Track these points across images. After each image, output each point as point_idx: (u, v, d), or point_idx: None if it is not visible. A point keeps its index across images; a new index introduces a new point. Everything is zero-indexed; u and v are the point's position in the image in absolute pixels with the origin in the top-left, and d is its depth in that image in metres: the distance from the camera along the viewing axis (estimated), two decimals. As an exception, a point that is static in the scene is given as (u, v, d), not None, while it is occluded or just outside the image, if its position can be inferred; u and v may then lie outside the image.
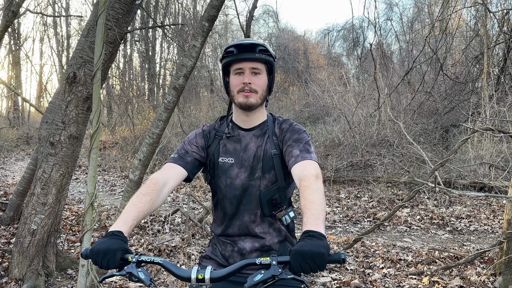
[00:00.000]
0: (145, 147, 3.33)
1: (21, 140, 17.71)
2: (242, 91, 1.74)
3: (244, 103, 1.75)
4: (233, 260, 1.81)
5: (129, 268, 1.35)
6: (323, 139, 11.60)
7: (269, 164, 1.78)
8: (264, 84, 1.78)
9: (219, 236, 1.88)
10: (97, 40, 2.90)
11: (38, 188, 3.76)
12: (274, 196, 1.77)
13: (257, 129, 1.83)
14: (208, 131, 1.89)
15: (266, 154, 1.79)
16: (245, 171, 1.79)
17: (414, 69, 11.86)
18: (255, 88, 1.74)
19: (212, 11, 3.19)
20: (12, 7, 4.56)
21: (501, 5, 12.35)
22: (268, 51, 1.76)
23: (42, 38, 25.12)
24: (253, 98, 1.75)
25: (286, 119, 1.87)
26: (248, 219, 1.80)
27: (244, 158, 1.80)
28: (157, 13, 18.66)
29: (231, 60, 1.74)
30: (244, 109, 1.78)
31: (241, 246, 1.81)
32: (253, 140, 1.82)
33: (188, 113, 16.93)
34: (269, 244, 1.81)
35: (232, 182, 1.79)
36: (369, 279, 4.16)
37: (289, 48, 22.44)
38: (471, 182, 8.01)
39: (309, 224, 1.34)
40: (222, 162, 1.81)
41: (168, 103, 3.27)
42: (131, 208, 1.55)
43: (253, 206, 1.79)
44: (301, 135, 1.76)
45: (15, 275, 3.79)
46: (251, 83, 1.73)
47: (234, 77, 1.76)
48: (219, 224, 1.87)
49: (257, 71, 1.75)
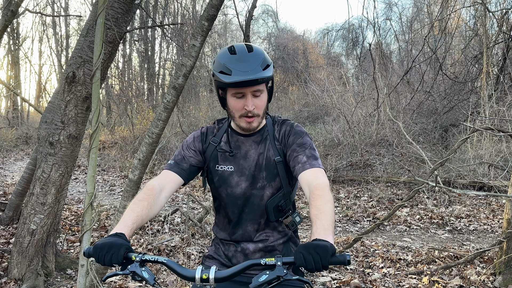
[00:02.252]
0: (145, 146, 3.32)
1: (20, 140, 17.69)
2: (244, 117, 1.66)
3: (247, 128, 1.70)
4: (236, 260, 1.80)
5: (133, 267, 1.35)
6: (323, 139, 11.61)
7: (273, 172, 1.73)
8: (265, 101, 1.69)
9: (221, 239, 1.86)
10: (96, 40, 2.90)
11: (37, 188, 3.75)
12: (280, 202, 1.74)
13: (257, 135, 1.77)
14: (206, 134, 1.83)
15: (269, 161, 1.73)
16: (246, 180, 1.74)
17: (413, 69, 11.87)
18: (257, 112, 1.66)
19: (211, 11, 3.18)
20: (11, 7, 4.56)
21: (500, 4, 12.36)
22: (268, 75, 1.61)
23: (41, 37, 25.10)
24: (255, 122, 1.68)
25: (285, 120, 1.80)
26: (252, 228, 1.78)
27: (245, 166, 1.74)
28: (156, 12, 18.64)
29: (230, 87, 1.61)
30: (246, 131, 1.73)
31: (244, 246, 1.80)
32: (253, 147, 1.76)
33: (187, 112, 16.91)
34: (272, 245, 1.79)
35: (232, 191, 1.75)
36: (368, 278, 4.16)
37: (288, 47, 22.44)
38: (470, 181, 8.01)
39: (318, 234, 1.33)
40: (221, 170, 1.76)
41: (168, 103, 3.26)
42: (129, 213, 1.54)
43: (256, 216, 1.76)
44: (305, 139, 1.70)
45: (14, 275, 3.79)
46: (254, 107, 1.64)
47: (233, 99, 1.64)
48: (222, 229, 1.86)
49: (258, 93, 1.64)
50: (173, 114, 10.63)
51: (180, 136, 12.90)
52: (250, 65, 1.57)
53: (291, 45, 22.86)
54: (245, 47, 1.63)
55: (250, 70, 1.56)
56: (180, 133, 12.56)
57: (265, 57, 1.62)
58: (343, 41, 24.30)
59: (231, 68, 1.56)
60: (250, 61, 1.58)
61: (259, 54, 1.61)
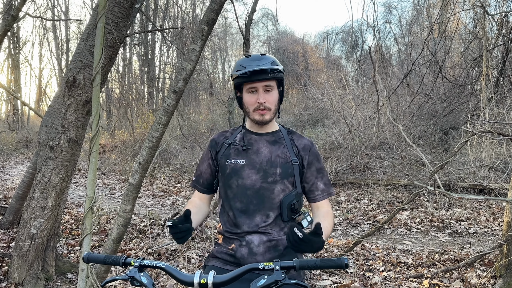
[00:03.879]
0: (145, 150, 3.33)
1: (21, 144, 17.69)
2: (258, 110, 1.88)
3: (260, 121, 1.90)
4: (241, 254, 1.84)
5: (131, 273, 1.35)
6: (323, 142, 11.60)
7: (288, 170, 1.89)
8: (276, 99, 1.91)
9: (226, 233, 1.91)
10: (97, 44, 2.91)
11: (38, 192, 3.75)
12: (293, 201, 1.87)
13: (270, 135, 1.96)
14: (217, 139, 2.03)
15: (286, 161, 1.90)
16: (256, 172, 1.88)
17: (413, 72, 11.88)
18: (269, 106, 1.88)
19: (211, 15, 3.19)
20: (12, 11, 4.57)
21: (500, 7, 12.38)
22: (278, 69, 1.84)
23: (41, 42, 25.21)
24: (268, 115, 1.89)
25: (301, 136, 2.02)
26: (260, 219, 1.86)
27: (256, 160, 1.90)
28: (157, 16, 18.70)
29: (245, 81, 1.85)
30: (260, 124, 1.93)
31: (249, 240, 1.85)
32: (265, 145, 1.94)
33: (187, 116, 16.94)
34: (276, 239, 1.85)
35: (243, 182, 1.88)
36: (369, 282, 4.15)
37: (288, 51, 22.50)
38: (470, 184, 8.01)
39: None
40: (234, 164, 1.91)
41: (168, 107, 3.26)
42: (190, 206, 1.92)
43: (265, 208, 1.86)
44: (322, 163, 1.97)
45: (14, 279, 3.78)
46: (266, 101, 1.86)
47: (248, 95, 1.88)
48: (228, 222, 1.93)
49: (269, 89, 1.87)
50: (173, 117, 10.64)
51: (180, 140, 12.92)
52: (263, 62, 1.83)
53: (291, 48, 22.92)
54: (260, 53, 1.91)
55: (262, 64, 1.81)
56: (180, 136, 12.58)
57: (276, 61, 1.88)
58: (343, 44, 24.38)
59: (246, 65, 1.82)
60: (262, 59, 1.84)
61: (271, 58, 1.88)
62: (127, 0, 3.59)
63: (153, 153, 3.40)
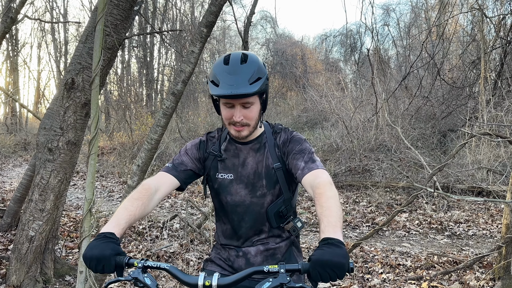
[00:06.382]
0: (143, 152, 3.33)
1: (19, 146, 17.65)
2: (233, 125, 1.67)
3: (237, 137, 1.72)
4: (238, 265, 1.81)
5: (135, 274, 1.35)
6: (321, 144, 11.62)
7: (273, 179, 1.74)
8: (257, 113, 1.69)
9: (223, 240, 1.87)
10: (96, 46, 2.91)
11: (36, 194, 3.75)
12: (281, 208, 1.76)
13: (255, 142, 1.78)
14: (206, 142, 1.84)
15: (269, 169, 1.75)
16: (245, 187, 1.76)
17: (411, 74, 11.89)
18: (247, 122, 1.67)
19: (210, 17, 3.20)
20: (10, 14, 4.58)
21: (498, 10, 12.43)
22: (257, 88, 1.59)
23: (40, 44, 25.08)
24: (245, 131, 1.69)
25: (285, 128, 1.82)
26: (253, 234, 1.80)
27: (243, 174, 1.76)
28: (155, 19, 18.70)
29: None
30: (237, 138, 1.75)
31: (246, 251, 1.81)
32: (251, 154, 1.77)
33: (186, 118, 16.93)
34: (274, 248, 1.81)
35: (232, 199, 1.77)
36: (368, 284, 4.15)
37: (286, 53, 22.54)
38: (469, 186, 8.02)
39: (327, 232, 1.31)
40: (221, 179, 1.78)
41: (166, 109, 3.27)
42: (123, 211, 1.54)
43: (257, 223, 1.78)
44: (303, 145, 1.72)
45: (13, 282, 3.77)
46: (243, 118, 1.65)
47: (224, 108, 1.67)
48: (223, 235, 1.87)
49: (248, 105, 1.64)
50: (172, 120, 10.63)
51: (179, 142, 12.90)
52: (238, 79, 1.57)
53: (289, 50, 22.95)
54: (241, 57, 1.63)
55: (236, 84, 1.56)
56: (179, 138, 12.57)
57: (258, 70, 1.61)
58: (341, 46, 24.43)
59: (220, 80, 1.59)
60: (239, 74, 1.58)
61: (252, 66, 1.61)
62: (126, 3, 3.60)
63: (152, 155, 3.41)
